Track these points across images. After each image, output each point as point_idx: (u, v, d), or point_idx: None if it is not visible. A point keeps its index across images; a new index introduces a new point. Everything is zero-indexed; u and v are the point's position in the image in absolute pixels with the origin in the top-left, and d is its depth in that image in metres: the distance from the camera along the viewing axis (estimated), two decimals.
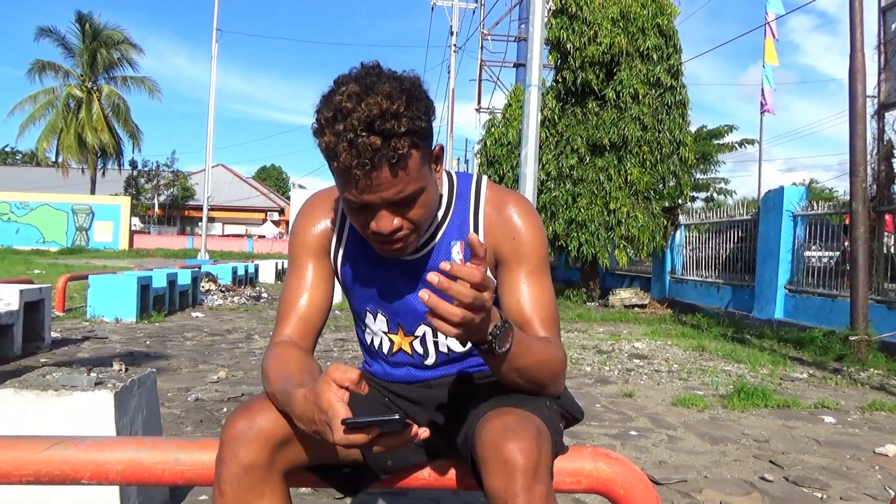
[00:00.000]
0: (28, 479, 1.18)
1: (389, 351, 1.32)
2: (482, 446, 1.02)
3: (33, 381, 2.04)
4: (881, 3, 7.70)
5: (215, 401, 3.94)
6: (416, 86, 1.07)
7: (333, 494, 2.49)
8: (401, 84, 1.05)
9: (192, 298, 9.59)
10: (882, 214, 7.35)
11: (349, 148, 1.01)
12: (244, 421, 1.08)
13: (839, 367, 6.09)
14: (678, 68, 11.98)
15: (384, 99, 1.01)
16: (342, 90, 1.03)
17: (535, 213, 1.27)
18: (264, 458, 1.06)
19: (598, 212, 11.77)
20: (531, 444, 0.99)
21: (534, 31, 6.12)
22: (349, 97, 1.02)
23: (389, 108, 1.01)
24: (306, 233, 1.30)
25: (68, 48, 33.24)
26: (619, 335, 7.82)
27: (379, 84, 1.03)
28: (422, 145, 1.08)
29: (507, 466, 0.96)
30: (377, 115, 1.00)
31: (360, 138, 1.00)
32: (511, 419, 1.04)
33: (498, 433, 1.01)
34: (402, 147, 1.03)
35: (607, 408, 4.17)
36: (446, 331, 0.94)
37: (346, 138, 1.01)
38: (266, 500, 1.08)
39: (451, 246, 1.24)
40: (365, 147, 1.00)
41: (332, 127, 1.02)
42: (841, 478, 2.97)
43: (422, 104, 1.06)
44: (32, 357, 5.18)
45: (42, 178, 39.87)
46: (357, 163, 1.02)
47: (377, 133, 1.01)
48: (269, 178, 61.13)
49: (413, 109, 1.04)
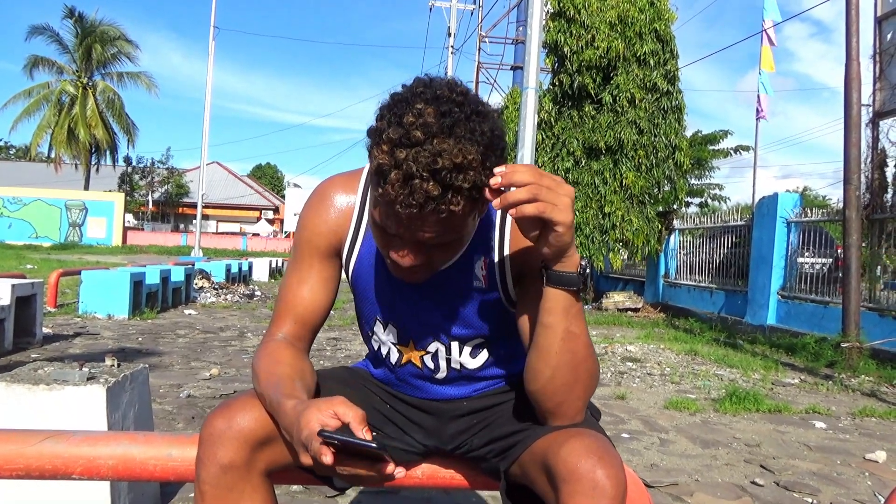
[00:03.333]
0: (18, 473, 1.17)
1: (398, 362, 1.25)
2: (563, 465, 0.97)
3: (25, 375, 2.03)
4: (877, 13, 7.75)
5: (207, 398, 3.93)
6: (495, 131, 0.96)
7: (325, 492, 2.48)
8: (482, 128, 0.94)
9: (186, 296, 9.56)
10: (875, 222, 7.39)
11: (402, 183, 0.91)
12: (222, 420, 1.05)
13: (830, 373, 6.12)
14: (675, 73, 12.02)
15: (459, 151, 0.91)
16: (417, 110, 0.92)
17: None
18: (243, 458, 1.04)
19: (593, 215, 11.80)
20: (620, 472, 0.97)
21: (532, 34, 6.12)
22: (423, 127, 0.91)
23: (462, 160, 0.91)
24: (315, 228, 1.19)
25: (62, 44, 33.12)
26: (613, 338, 7.83)
27: (459, 125, 0.92)
28: (479, 199, 0.97)
29: (597, 492, 0.93)
30: (448, 166, 0.90)
31: (419, 180, 0.90)
32: (594, 442, 1.00)
33: (584, 455, 0.97)
34: (458, 203, 0.93)
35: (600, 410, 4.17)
36: (542, 209, 0.93)
37: (403, 171, 0.90)
38: (247, 499, 1.05)
39: (474, 261, 1.16)
40: (419, 191, 0.90)
41: (393, 151, 0.91)
42: (831, 483, 2.99)
43: (496, 155, 0.96)
44: (23, 352, 5.15)
45: (35, 173, 39.67)
46: (404, 202, 0.92)
47: (438, 182, 0.91)
48: (264, 177, 60.99)
49: (486, 165, 0.94)
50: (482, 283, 1.17)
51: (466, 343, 1.22)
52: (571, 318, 1.04)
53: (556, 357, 1.04)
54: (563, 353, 1.04)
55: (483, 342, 1.22)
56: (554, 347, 1.04)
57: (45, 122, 32.49)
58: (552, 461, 0.99)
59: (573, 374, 1.05)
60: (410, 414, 1.28)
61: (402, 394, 1.28)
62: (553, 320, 1.04)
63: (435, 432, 1.26)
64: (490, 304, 1.18)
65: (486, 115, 0.97)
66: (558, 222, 0.95)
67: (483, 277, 1.16)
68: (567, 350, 1.04)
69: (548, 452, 1.02)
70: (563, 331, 1.04)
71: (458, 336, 1.21)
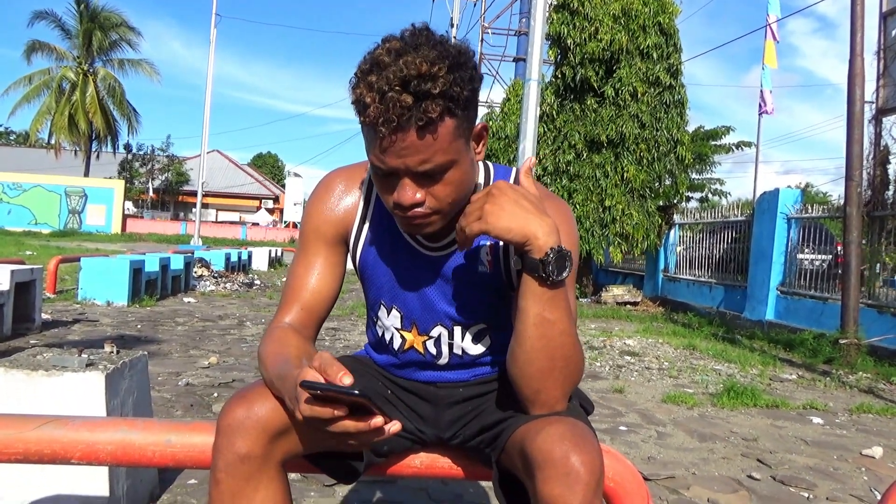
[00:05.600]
0: (17, 457, 1.17)
1: (400, 348, 1.26)
2: (538, 451, 0.98)
3: (24, 360, 2.03)
4: (882, 9, 7.71)
5: (206, 386, 3.94)
6: (462, 54, 1.01)
7: (324, 481, 2.49)
8: (446, 49, 0.99)
9: (185, 284, 9.56)
10: (876, 219, 7.39)
11: (378, 101, 0.96)
12: (241, 409, 1.05)
13: (828, 369, 6.13)
14: (678, 67, 11.98)
15: (424, 60, 0.96)
16: (385, 45, 0.99)
17: (572, 218, 1.20)
18: (261, 448, 1.04)
19: (593, 208, 11.78)
20: (595, 458, 0.97)
21: (535, 26, 6.09)
22: (389, 52, 0.97)
23: (429, 69, 0.95)
24: (321, 217, 1.22)
25: (65, 30, 32.98)
26: (611, 332, 7.84)
27: (424, 46, 0.98)
28: (459, 115, 1.01)
29: (570, 478, 0.94)
30: (414, 74, 0.95)
31: (392, 93, 0.95)
32: (569, 429, 1.00)
33: (558, 441, 0.97)
34: (434, 111, 0.96)
35: (598, 403, 4.18)
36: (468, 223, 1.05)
37: (377, 91, 0.96)
38: (263, 489, 1.05)
39: (480, 246, 1.18)
40: (394, 103, 0.95)
41: (365, 79, 0.98)
42: (827, 478, 3.00)
43: (465, 73, 1.00)
44: (22, 338, 5.15)
45: (36, 159, 39.58)
46: (384, 119, 0.96)
47: (410, 92, 0.95)
48: (264, 166, 60.88)
49: (454, 75, 0.98)
50: (487, 269, 1.18)
51: (469, 329, 1.23)
52: (545, 304, 1.05)
53: (529, 342, 1.06)
54: (537, 338, 1.06)
55: (486, 328, 1.23)
56: (528, 332, 1.06)
57: (45, 108, 32.39)
58: (528, 448, 1.01)
59: (549, 361, 1.06)
60: (410, 401, 1.29)
61: (402, 378, 1.29)
62: (525, 304, 1.06)
63: (433, 420, 1.27)
64: (494, 290, 1.20)
65: (451, 44, 1.02)
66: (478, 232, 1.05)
67: (488, 262, 1.18)
68: (541, 335, 1.06)
69: (525, 439, 1.03)
70: (534, 315, 1.05)
71: (461, 321, 1.22)
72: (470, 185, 1.11)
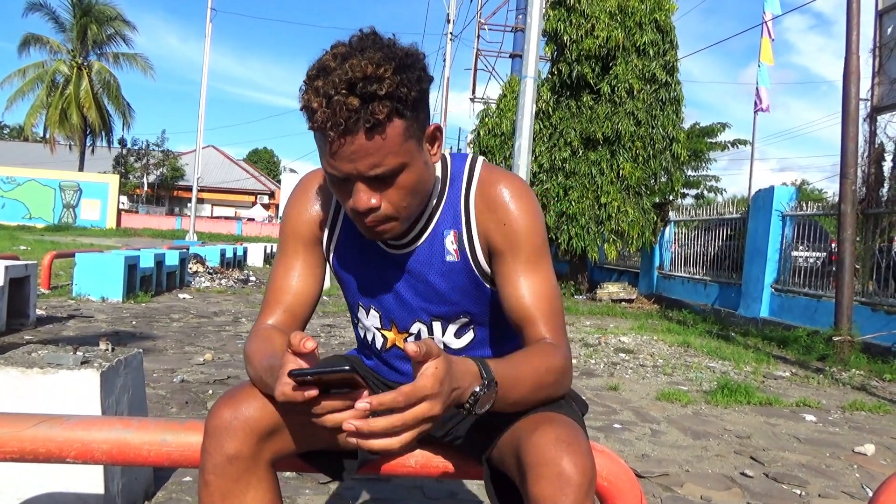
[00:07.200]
0: (12, 456, 1.17)
1: (383, 347, 1.27)
2: (531, 451, 0.98)
3: (18, 358, 2.02)
4: (878, 7, 7.74)
5: (201, 383, 3.93)
6: (410, 55, 1.01)
7: (318, 479, 2.49)
8: (392, 51, 0.99)
9: (180, 280, 9.54)
10: (870, 217, 7.42)
11: (325, 105, 0.96)
12: (229, 410, 1.05)
13: (822, 366, 6.16)
14: (674, 64, 12.00)
15: (370, 62, 0.96)
16: (332, 51, 1.00)
17: (529, 194, 1.17)
18: (249, 449, 1.04)
19: (588, 205, 11.80)
20: (587, 460, 0.97)
21: (531, 22, 6.09)
22: (335, 57, 0.98)
23: (374, 71, 0.96)
24: (298, 218, 1.24)
25: (59, 22, 32.79)
26: (606, 329, 7.86)
27: (370, 48, 0.98)
28: (407, 116, 1.01)
29: (562, 480, 0.94)
30: (360, 77, 0.95)
31: (338, 96, 0.95)
32: (563, 430, 1.00)
33: (551, 442, 0.97)
34: (381, 112, 0.96)
35: (592, 400, 4.19)
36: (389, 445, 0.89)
37: (324, 95, 0.96)
38: (252, 490, 1.05)
39: (444, 235, 1.17)
40: (341, 106, 0.95)
41: (312, 84, 0.98)
42: (820, 475, 3.02)
43: (413, 74, 1.00)
44: (17, 334, 5.14)
45: (30, 153, 39.42)
46: (332, 123, 0.96)
47: (357, 94, 0.95)
48: (260, 161, 60.73)
49: (400, 76, 0.97)
50: (454, 257, 1.18)
51: (451, 322, 1.23)
52: (505, 400, 1.01)
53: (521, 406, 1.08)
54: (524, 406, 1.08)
55: (468, 322, 1.23)
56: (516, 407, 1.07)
57: (39, 101, 32.22)
58: (522, 447, 1.01)
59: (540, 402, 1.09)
60: None
61: (391, 382, 1.29)
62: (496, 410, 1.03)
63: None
64: (465, 279, 1.19)
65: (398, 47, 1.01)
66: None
67: (455, 251, 1.18)
68: (525, 405, 1.07)
69: (520, 438, 1.03)
70: (511, 407, 1.04)
71: (438, 314, 1.22)
72: (426, 188, 1.11)
